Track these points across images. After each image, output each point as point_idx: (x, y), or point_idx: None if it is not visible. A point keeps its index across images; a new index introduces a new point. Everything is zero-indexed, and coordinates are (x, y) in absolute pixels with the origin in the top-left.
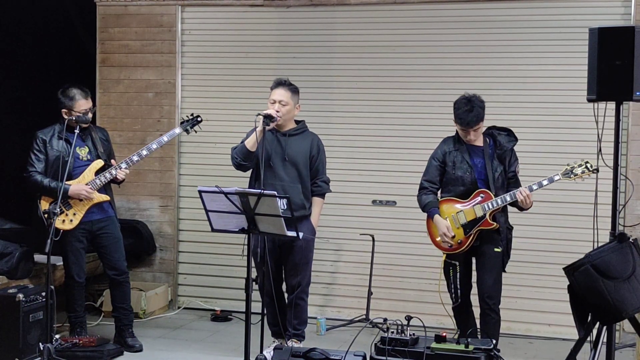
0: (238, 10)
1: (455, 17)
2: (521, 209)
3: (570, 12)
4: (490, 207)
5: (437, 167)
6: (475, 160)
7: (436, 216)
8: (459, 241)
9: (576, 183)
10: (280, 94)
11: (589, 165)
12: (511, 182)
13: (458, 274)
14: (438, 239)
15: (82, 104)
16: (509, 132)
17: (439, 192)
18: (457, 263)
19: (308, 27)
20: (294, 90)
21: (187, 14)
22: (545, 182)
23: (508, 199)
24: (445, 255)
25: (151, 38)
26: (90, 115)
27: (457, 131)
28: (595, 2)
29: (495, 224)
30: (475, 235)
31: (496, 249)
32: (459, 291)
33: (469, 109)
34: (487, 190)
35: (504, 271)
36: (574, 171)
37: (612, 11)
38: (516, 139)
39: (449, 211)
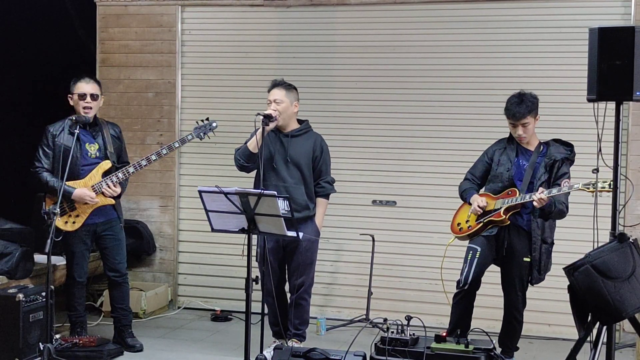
0: (238, 10)
1: (455, 17)
2: (546, 217)
3: (570, 12)
4: (508, 202)
5: (484, 162)
6: (521, 162)
7: (474, 195)
8: (468, 226)
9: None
10: (275, 93)
11: (608, 185)
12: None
13: (476, 259)
14: (457, 225)
15: (80, 87)
16: (567, 146)
17: (480, 188)
18: (479, 249)
19: (308, 27)
20: (288, 87)
21: (187, 14)
22: (565, 189)
23: (527, 197)
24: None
25: (151, 38)
26: (91, 114)
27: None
28: (595, 2)
29: (505, 217)
30: (486, 224)
31: (525, 259)
32: (470, 274)
33: (518, 102)
34: (516, 189)
35: (531, 284)
36: (594, 185)
37: (612, 11)
38: (571, 154)
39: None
